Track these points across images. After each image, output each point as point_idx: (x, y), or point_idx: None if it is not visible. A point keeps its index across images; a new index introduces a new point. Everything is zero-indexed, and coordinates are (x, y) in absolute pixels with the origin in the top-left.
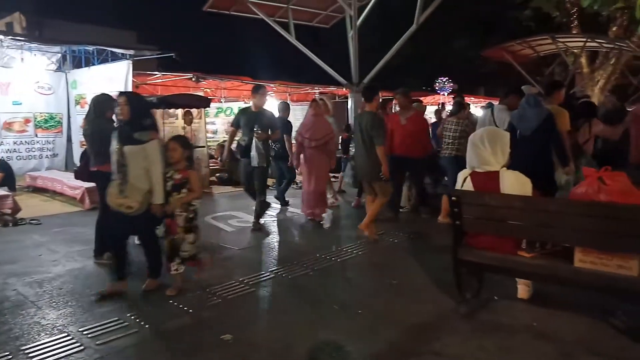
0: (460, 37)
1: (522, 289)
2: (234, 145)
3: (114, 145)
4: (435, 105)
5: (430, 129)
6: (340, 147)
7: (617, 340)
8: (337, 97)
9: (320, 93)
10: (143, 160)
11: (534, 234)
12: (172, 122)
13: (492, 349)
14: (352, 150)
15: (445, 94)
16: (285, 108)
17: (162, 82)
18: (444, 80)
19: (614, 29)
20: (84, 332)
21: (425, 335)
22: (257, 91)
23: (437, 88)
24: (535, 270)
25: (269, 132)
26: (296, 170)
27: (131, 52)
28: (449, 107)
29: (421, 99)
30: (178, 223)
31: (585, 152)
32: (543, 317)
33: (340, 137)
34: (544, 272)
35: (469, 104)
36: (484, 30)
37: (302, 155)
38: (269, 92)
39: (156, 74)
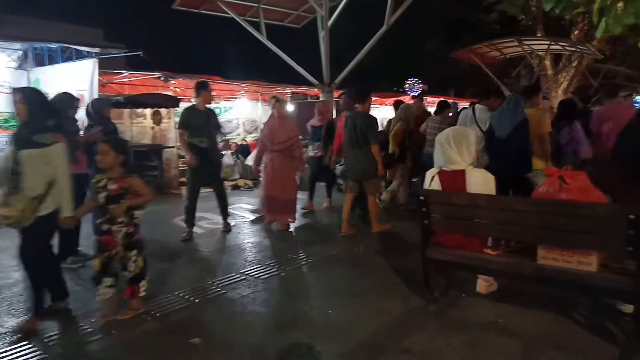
0: (430, 39)
1: (481, 284)
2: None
3: (7, 149)
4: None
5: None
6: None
7: (578, 334)
8: (309, 98)
9: (293, 93)
10: (44, 167)
11: (498, 232)
12: (140, 122)
13: (459, 345)
14: (310, 152)
15: (415, 94)
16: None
17: (130, 82)
18: (413, 81)
19: (576, 32)
20: (45, 340)
21: (395, 333)
22: (205, 88)
23: (407, 89)
24: (500, 267)
25: (220, 131)
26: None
27: (97, 50)
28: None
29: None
30: (116, 239)
31: (567, 153)
32: (508, 313)
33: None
34: (509, 269)
35: (456, 104)
36: (452, 32)
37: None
38: (240, 92)
39: (123, 73)
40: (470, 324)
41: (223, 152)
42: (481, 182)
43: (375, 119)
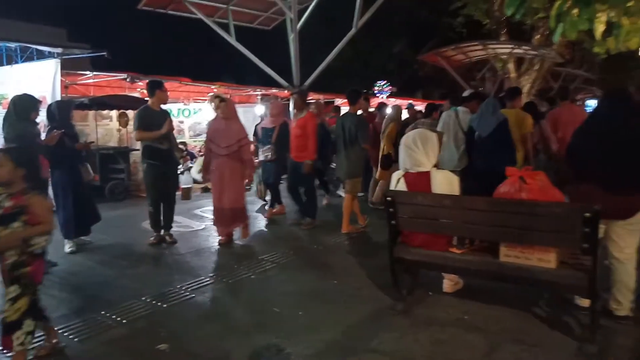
0: (398, 42)
1: (447, 283)
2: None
3: None
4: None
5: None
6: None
7: (539, 328)
8: (279, 99)
9: (263, 95)
10: None
11: (463, 231)
12: (106, 124)
13: (426, 342)
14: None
15: (384, 96)
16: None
17: (96, 82)
18: (382, 83)
19: (537, 37)
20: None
21: (364, 333)
22: (159, 87)
23: (376, 91)
24: (465, 265)
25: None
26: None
27: (59, 50)
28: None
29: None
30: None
31: (539, 151)
32: (473, 309)
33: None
34: (473, 267)
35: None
36: (419, 36)
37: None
38: (210, 94)
39: (88, 74)
40: (437, 321)
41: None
42: (446, 182)
43: (365, 120)
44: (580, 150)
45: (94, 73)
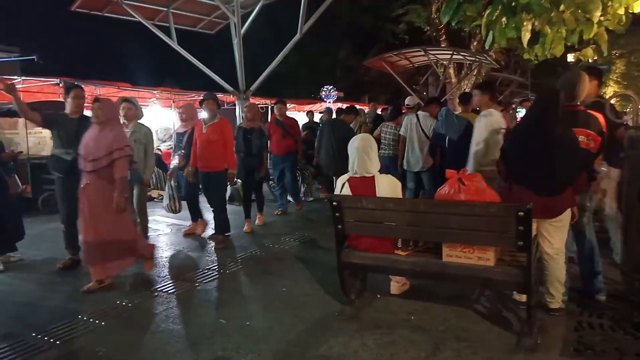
0: (343, 48)
1: (394, 285)
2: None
3: None
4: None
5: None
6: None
7: (481, 324)
8: (226, 104)
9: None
10: None
11: (406, 233)
12: (39, 132)
13: (374, 345)
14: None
15: (331, 101)
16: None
17: (26, 88)
18: (329, 88)
19: (475, 43)
20: None
21: (313, 340)
22: (69, 92)
23: (323, 96)
24: (410, 267)
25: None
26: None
27: None
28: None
29: (308, 106)
30: None
31: None
32: (419, 310)
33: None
34: (418, 268)
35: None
36: (364, 42)
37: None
38: (152, 99)
39: (16, 79)
40: (385, 323)
41: None
42: (389, 186)
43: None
44: (511, 152)
45: (23, 78)
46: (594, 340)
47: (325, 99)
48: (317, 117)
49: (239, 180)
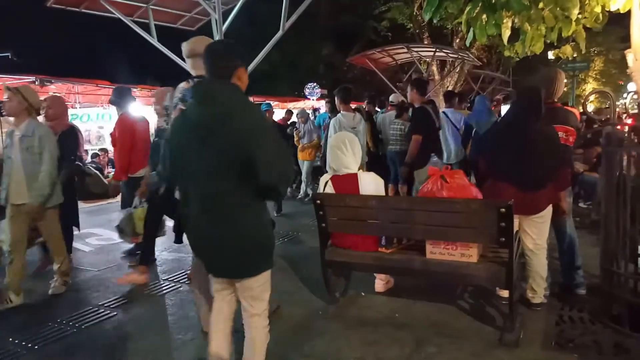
0: (325, 45)
1: (379, 283)
2: None
3: None
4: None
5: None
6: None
7: (464, 320)
8: None
9: None
10: None
11: (390, 230)
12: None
13: (357, 343)
14: None
15: (314, 98)
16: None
17: (0, 86)
18: (312, 85)
19: (457, 41)
20: None
21: (296, 339)
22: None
23: (307, 93)
24: (394, 264)
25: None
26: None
27: None
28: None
29: (292, 104)
30: None
31: None
32: (403, 307)
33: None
34: (401, 266)
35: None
36: (346, 39)
37: None
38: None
39: None
40: (369, 321)
41: None
42: (373, 184)
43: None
44: (492, 149)
45: None
46: (574, 334)
47: (309, 96)
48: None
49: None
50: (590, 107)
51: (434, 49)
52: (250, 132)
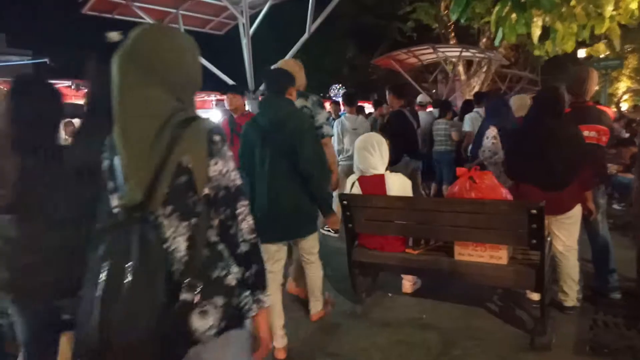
0: (350, 46)
1: (406, 284)
2: None
3: None
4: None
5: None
6: None
7: (492, 323)
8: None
9: (218, 100)
10: None
11: (417, 231)
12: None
13: (384, 343)
14: None
15: (340, 99)
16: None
17: None
18: (337, 87)
19: (484, 40)
20: None
21: (323, 338)
22: None
23: (332, 95)
24: (421, 265)
25: None
26: None
27: None
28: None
29: None
30: None
31: None
32: (430, 309)
33: None
34: (429, 267)
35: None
36: (370, 40)
37: None
38: None
39: None
40: (395, 322)
41: None
42: (399, 185)
43: None
44: (516, 150)
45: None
46: (609, 339)
47: (334, 98)
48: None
49: None
50: (625, 106)
51: (460, 49)
52: (295, 132)
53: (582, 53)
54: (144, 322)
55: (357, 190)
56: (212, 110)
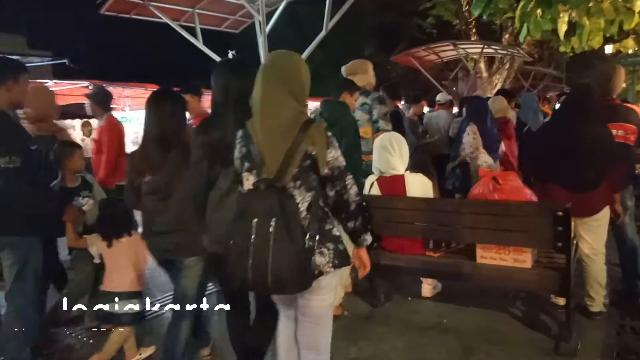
0: (369, 44)
1: (426, 287)
2: None
3: None
4: None
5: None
6: None
7: (515, 327)
8: None
9: None
10: None
11: (438, 234)
12: (69, 134)
13: (403, 347)
14: None
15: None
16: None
17: (58, 91)
18: None
19: (506, 36)
20: None
21: (342, 342)
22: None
23: None
24: (442, 268)
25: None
26: None
27: (17, 58)
28: None
29: None
30: None
31: None
32: (450, 312)
33: None
34: (450, 270)
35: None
36: (389, 37)
37: None
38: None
39: (48, 83)
40: (415, 325)
41: None
42: (420, 186)
43: None
44: (542, 150)
45: (55, 81)
46: (637, 345)
47: None
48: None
49: None
50: None
51: (481, 46)
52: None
53: (609, 49)
54: (288, 260)
55: (375, 191)
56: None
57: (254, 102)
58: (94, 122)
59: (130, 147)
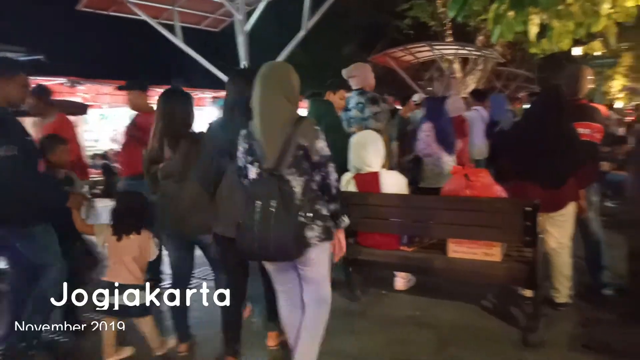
0: (348, 44)
1: (400, 281)
2: None
3: None
4: None
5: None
6: None
7: (487, 320)
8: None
9: (214, 97)
10: None
11: (412, 229)
12: None
13: (382, 342)
14: None
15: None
16: None
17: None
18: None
19: (480, 38)
20: None
21: (325, 337)
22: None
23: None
24: (416, 263)
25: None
26: None
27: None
28: None
29: None
30: None
31: None
32: (425, 306)
33: None
34: (423, 265)
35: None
36: (369, 37)
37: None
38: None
39: None
40: (392, 319)
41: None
42: (395, 183)
43: None
44: (513, 147)
45: (30, 78)
46: (602, 336)
47: None
48: None
49: None
50: (620, 104)
51: (456, 47)
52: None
53: (577, 51)
54: (286, 233)
55: (352, 188)
56: (206, 108)
57: (253, 106)
58: (71, 119)
59: (109, 144)
